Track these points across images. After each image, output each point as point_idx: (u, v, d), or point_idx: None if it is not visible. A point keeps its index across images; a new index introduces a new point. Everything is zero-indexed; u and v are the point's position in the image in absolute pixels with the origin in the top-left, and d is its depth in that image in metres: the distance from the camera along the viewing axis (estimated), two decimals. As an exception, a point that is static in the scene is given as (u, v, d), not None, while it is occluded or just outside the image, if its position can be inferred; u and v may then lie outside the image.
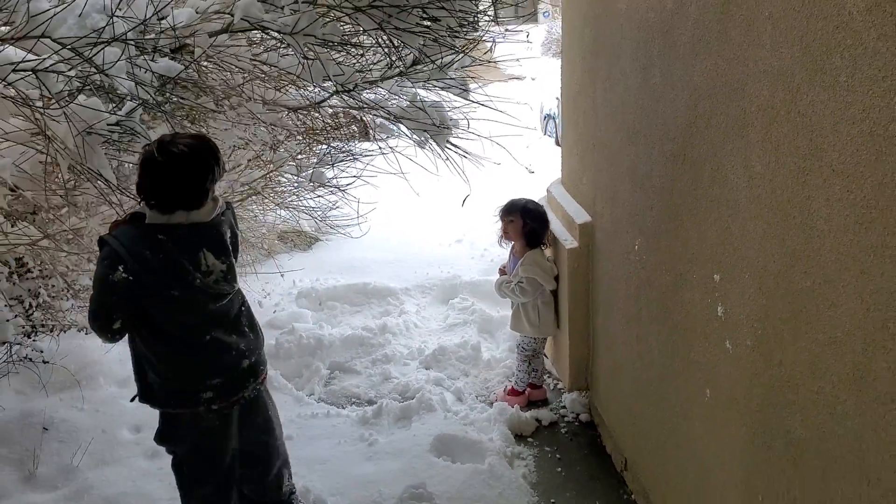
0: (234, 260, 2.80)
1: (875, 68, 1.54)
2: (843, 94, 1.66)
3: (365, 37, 3.14)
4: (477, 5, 3.19)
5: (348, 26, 3.07)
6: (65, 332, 4.23)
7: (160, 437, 2.93)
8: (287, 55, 3.12)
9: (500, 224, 4.36)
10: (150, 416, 4.00)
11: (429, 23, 2.82)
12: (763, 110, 2.02)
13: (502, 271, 4.53)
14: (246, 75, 3.27)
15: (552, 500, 3.50)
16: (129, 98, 2.46)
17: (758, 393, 2.19)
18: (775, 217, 2.00)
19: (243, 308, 2.90)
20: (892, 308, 1.55)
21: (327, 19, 2.87)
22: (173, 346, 2.71)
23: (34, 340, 4.15)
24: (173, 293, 2.61)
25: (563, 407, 4.30)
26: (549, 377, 4.66)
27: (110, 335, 2.62)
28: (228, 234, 2.76)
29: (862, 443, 1.69)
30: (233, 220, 2.86)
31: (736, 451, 2.36)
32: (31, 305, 3.93)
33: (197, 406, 2.76)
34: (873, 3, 1.54)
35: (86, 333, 4.30)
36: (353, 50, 3.30)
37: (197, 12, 2.58)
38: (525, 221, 4.23)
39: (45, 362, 4.10)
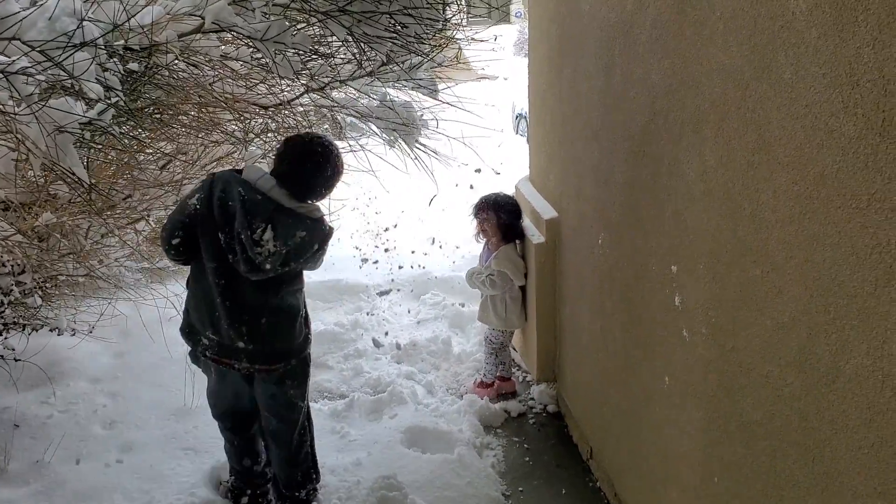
0: (292, 259, 2.87)
1: (817, 65, 1.63)
2: (788, 91, 1.75)
3: (334, 39, 3.20)
4: (443, 11, 3.26)
5: (317, 27, 3.12)
6: (36, 330, 4.23)
7: (190, 357, 3.27)
8: (257, 58, 3.17)
9: (475, 222, 4.42)
10: (123, 412, 4.06)
11: (397, 29, 2.88)
12: (716, 107, 2.11)
13: None
14: (216, 74, 3.31)
15: (520, 489, 3.58)
16: (99, 100, 2.49)
17: (713, 379, 2.28)
18: (727, 209, 2.09)
19: (274, 302, 2.99)
20: (833, 294, 1.64)
21: (298, 27, 2.93)
22: (202, 287, 2.98)
23: (5, 338, 4.15)
24: (219, 235, 2.82)
25: (532, 398, 4.38)
26: (518, 370, 4.74)
27: (169, 248, 2.96)
28: (303, 237, 2.85)
29: (807, 422, 1.79)
30: (321, 241, 2.97)
31: (694, 435, 2.45)
32: (1, 303, 3.93)
33: (196, 347, 3.09)
34: (814, 4, 1.62)
35: (58, 334, 4.31)
36: (321, 50, 3.35)
37: (168, 14, 2.61)
38: (499, 216, 4.31)
39: (16, 360, 4.11)
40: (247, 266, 2.82)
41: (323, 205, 3.13)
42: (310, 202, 2.96)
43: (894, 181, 1.41)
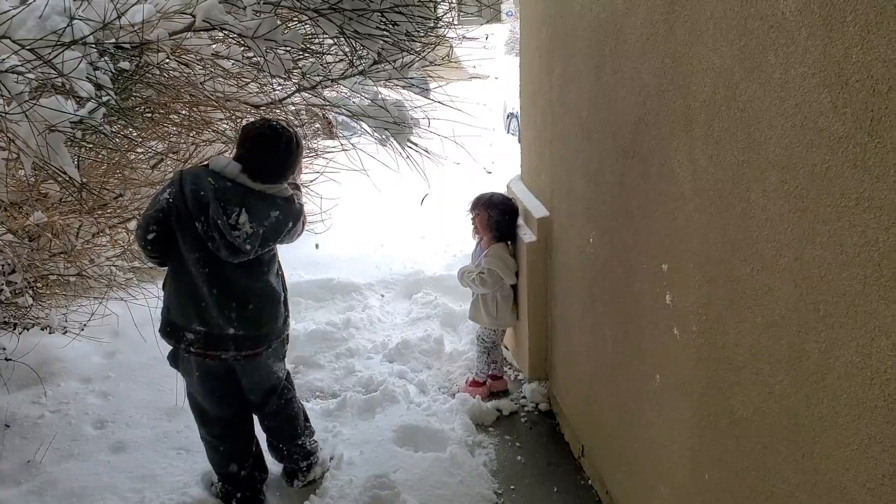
0: (270, 238, 3.01)
1: (805, 65, 1.64)
2: (778, 91, 1.76)
3: (325, 37, 3.21)
4: (435, 10, 3.27)
5: (308, 26, 3.12)
6: (27, 330, 4.23)
7: (169, 360, 3.34)
8: (248, 56, 3.17)
9: (470, 219, 4.45)
10: (114, 411, 4.06)
11: (388, 27, 2.89)
12: (706, 106, 2.12)
13: None
14: (207, 72, 3.31)
15: (512, 487, 3.59)
16: (90, 99, 2.49)
17: (703, 376, 2.29)
18: (717, 208, 2.10)
19: (258, 287, 3.12)
20: (823, 291, 1.65)
21: (289, 24, 2.93)
22: (184, 281, 3.05)
23: (-5, 338, 4.15)
24: (195, 226, 2.90)
25: (524, 397, 4.40)
26: (509, 368, 4.75)
27: (145, 244, 3.01)
28: (276, 216, 3.00)
29: (797, 419, 1.80)
30: (294, 218, 3.10)
31: (684, 433, 2.47)
32: (-8, 302, 3.93)
33: (179, 344, 3.12)
34: (803, 4, 1.64)
35: (49, 333, 4.30)
36: (312, 49, 3.36)
37: (158, 12, 2.61)
38: (489, 214, 4.32)
39: (7, 359, 4.10)
40: (227, 251, 2.93)
41: (304, 192, 3.19)
42: (276, 183, 3.05)
43: (882, 180, 1.43)
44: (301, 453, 3.54)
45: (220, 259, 2.98)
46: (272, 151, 3.00)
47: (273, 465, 3.63)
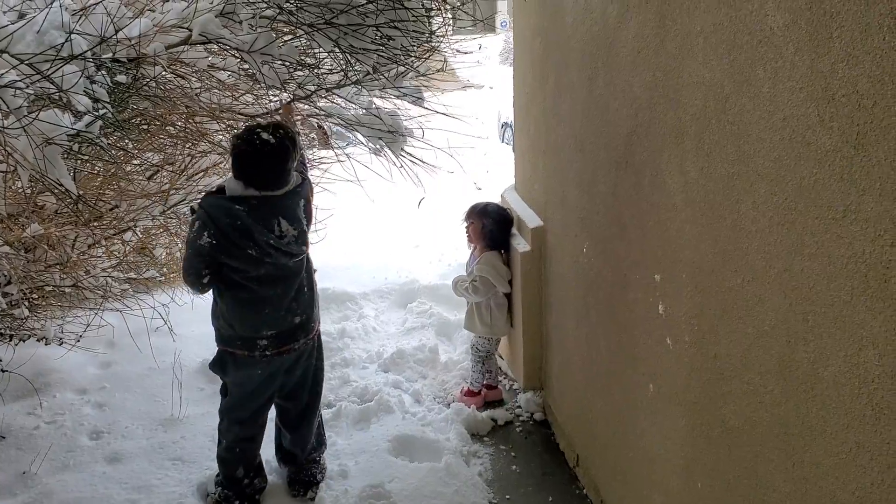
0: (305, 227, 3.25)
1: (793, 80, 1.67)
2: (767, 104, 1.79)
3: (320, 49, 3.23)
4: (430, 24, 3.30)
5: (303, 39, 3.15)
6: (23, 341, 4.23)
7: (212, 366, 3.40)
8: (244, 68, 3.20)
9: (465, 227, 4.48)
10: (110, 422, 4.06)
11: (383, 41, 2.92)
12: (696, 119, 2.15)
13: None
14: (203, 84, 3.33)
15: (507, 497, 3.61)
16: (87, 112, 2.51)
17: (696, 386, 2.32)
18: (708, 219, 2.13)
19: (306, 271, 3.34)
20: (812, 302, 1.68)
21: (285, 39, 2.96)
22: (242, 298, 3.17)
23: (-9, 349, 4.15)
24: (249, 252, 3.04)
25: (519, 406, 4.41)
26: (504, 378, 4.77)
27: (200, 287, 3.15)
28: (302, 203, 3.22)
29: (787, 428, 1.82)
30: (308, 191, 3.33)
31: (677, 442, 2.49)
32: (-12, 314, 3.93)
33: (254, 351, 3.23)
34: (791, 20, 1.67)
35: (45, 344, 4.31)
36: (307, 61, 3.38)
37: (155, 26, 2.63)
38: (483, 223, 4.35)
39: (2, 371, 4.10)
40: (287, 258, 3.15)
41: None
42: (286, 184, 3.14)
43: (868, 193, 1.46)
44: (317, 466, 3.63)
45: (270, 268, 3.13)
46: (263, 162, 3.04)
47: (272, 476, 3.64)
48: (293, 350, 3.32)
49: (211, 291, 3.24)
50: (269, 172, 3.06)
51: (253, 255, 3.05)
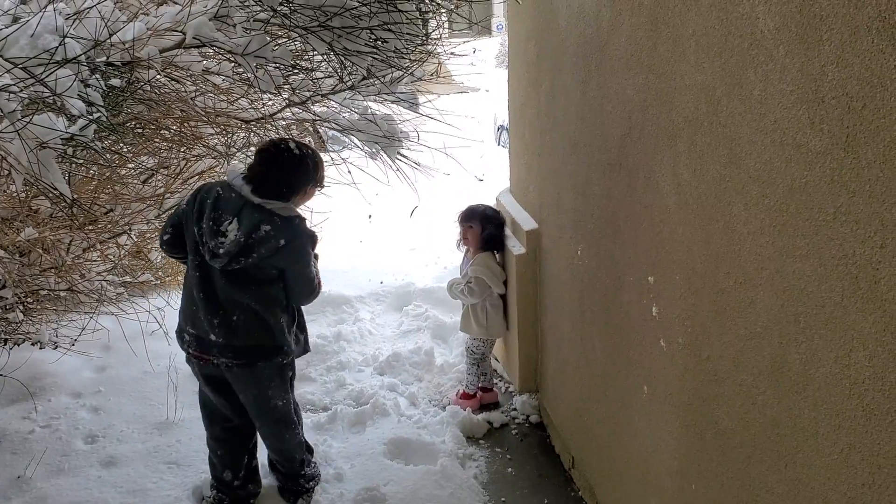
0: (253, 250, 2.98)
1: (784, 82, 1.68)
2: (757, 107, 1.80)
3: (315, 53, 3.24)
4: (425, 26, 3.31)
5: (297, 42, 3.15)
6: (18, 345, 4.23)
7: (186, 360, 3.37)
8: (239, 72, 3.21)
9: (458, 229, 4.46)
10: (105, 426, 4.06)
11: (377, 44, 2.92)
12: (689, 122, 2.16)
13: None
14: (197, 88, 3.34)
15: (503, 499, 3.61)
16: (81, 116, 2.51)
17: (689, 388, 2.32)
18: (701, 221, 2.14)
19: (244, 301, 3.08)
20: (803, 303, 1.69)
21: (279, 42, 2.96)
22: (187, 285, 3.19)
23: (-14, 353, 4.14)
24: (194, 228, 3.05)
25: (514, 409, 4.41)
26: (500, 380, 4.77)
27: (161, 244, 3.26)
28: (267, 231, 2.98)
29: (779, 429, 1.83)
30: (290, 238, 3.03)
31: (671, 443, 2.50)
32: (-18, 318, 3.93)
33: (182, 343, 3.23)
34: (781, 23, 1.68)
35: (40, 348, 4.30)
36: (302, 65, 3.39)
37: (149, 29, 2.64)
38: (484, 227, 4.36)
39: (-3, 375, 4.10)
40: (209, 254, 3.01)
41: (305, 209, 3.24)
42: (276, 199, 3.05)
43: (858, 195, 1.46)
44: (303, 479, 3.56)
45: (211, 270, 3.06)
46: (270, 165, 3.05)
47: (267, 480, 3.63)
48: (212, 363, 3.15)
49: None
50: (267, 173, 3.04)
51: (194, 239, 3.06)
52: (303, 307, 3.38)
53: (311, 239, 3.16)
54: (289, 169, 3.08)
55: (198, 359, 3.19)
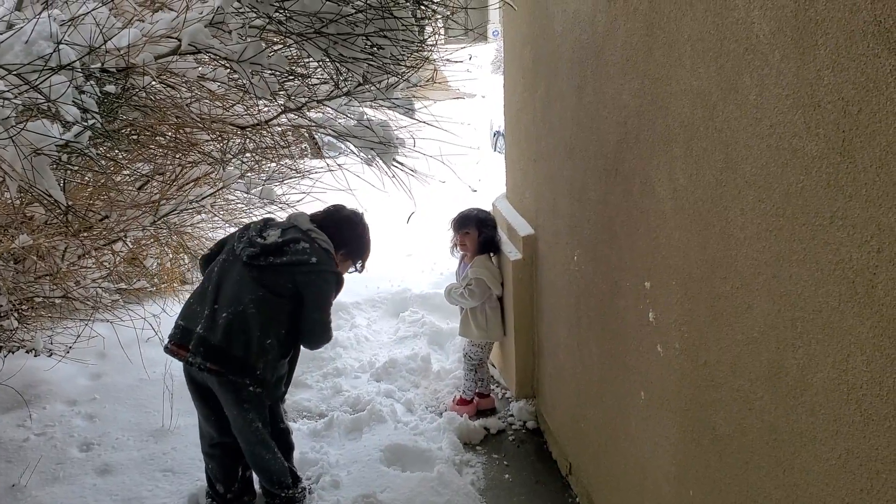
0: (285, 254, 3.16)
1: (780, 87, 1.68)
2: (753, 111, 1.80)
3: (311, 59, 3.24)
4: (421, 33, 3.31)
5: (293, 48, 3.15)
6: (12, 352, 4.21)
7: None
8: (234, 78, 3.20)
9: (453, 236, 4.45)
10: (100, 434, 4.04)
11: (373, 50, 2.92)
12: (685, 127, 2.16)
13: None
14: (193, 94, 3.33)
15: (499, 506, 3.60)
16: (75, 122, 2.50)
17: (686, 393, 2.32)
18: (697, 226, 2.13)
19: (241, 308, 3.10)
20: (800, 308, 1.68)
21: (274, 48, 2.95)
22: (201, 284, 3.30)
23: (-20, 361, 4.13)
24: (237, 235, 3.31)
25: (511, 415, 4.41)
26: (497, 386, 4.76)
27: (203, 256, 3.47)
28: (305, 248, 3.19)
29: (777, 434, 1.82)
30: (321, 269, 3.22)
31: (669, 449, 2.49)
32: (-24, 326, 3.91)
33: (168, 338, 3.24)
34: (777, 28, 1.68)
35: (35, 356, 4.29)
36: (298, 71, 3.39)
37: (144, 36, 2.63)
38: (480, 231, 4.35)
39: (-9, 382, 4.08)
40: (244, 244, 3.19)
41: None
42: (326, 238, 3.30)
43: (855, 199, 1.46)
44: (282, 500, 3.47)
45: (232, 267, 3.17)
46: (334, 216, 3.45)
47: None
48: (185, 359, 3.11)
49: None
50: (327, 219, 3.39)
51: (232, 243, 3.28)
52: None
53: (338, 279, 3.31)
54: (347, 228, 3.41)
55: (174, 354, 3.18)
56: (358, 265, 3.55)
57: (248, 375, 3.10)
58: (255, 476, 3.55)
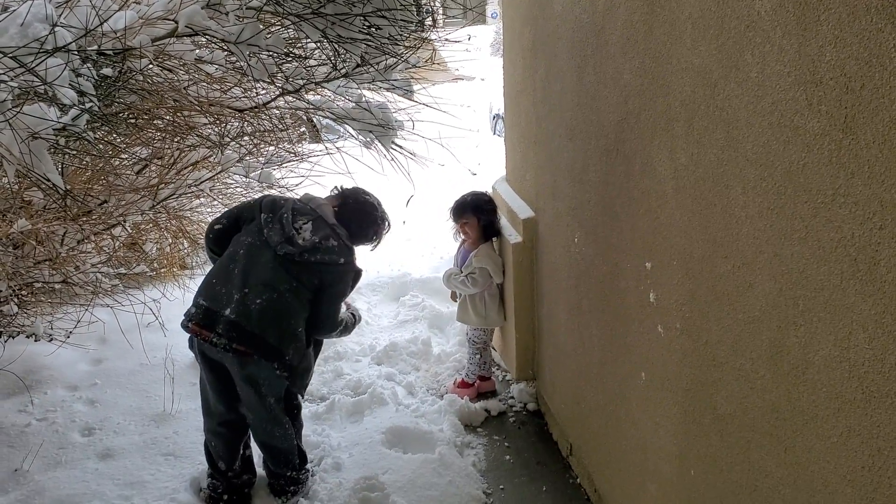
0: (319, 252, 3.24)
1: (781, 64, 1.67)
2: (755, 89, 1.78)
3: (308, 41, 3.22)
4: (420, 13, 3.29)
5: (291, 30, 3.13)
6: (13, 338, 4.21)
7: (189, 343, 3.40)
8: (232, 61, 3.18)
9: (452, 224, 4.42)
10: (101, 419, 4.05)
11: (370, 31, 2.90)
12: (685, 105, 2.14)
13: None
14: (190, 77, 3.31)
15: (501, 487, 3.61)
16: (72, 106, 2.49)
17: (687, 373, 2.31)
18: (699, 206, 2.12)
19: (274, 296, 3.17)
20: (802, 287, 1.67)
21: (271, 29, 2.93)
22: (221, 264, 3.29)
23: (-19, 347, 4.13)
24: (261, 216, 3.28)
25: (512, 397, 4.41)
26: (497, 369, 4.77)
27: (210, 230, 3.44)
28: (334, 246, 3.29)
29: (778, 413, 1.82)
30: (346, 264, 3.36)
31: (670, 430, 2.49)
32: (-24, 311, 3.91)
33: (184, 320, 3.25)
34: (778, 4, 1.66)
35: (35, 341, 4.29)
36: (296, 52, 3.37)
37: (140, 18, 2.61)
38: (479, 217, 4.33)
39: (-8, 368, 4.09)
40: (279, 237, 3.20)
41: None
42: (351, 236, 3.41)
43: (857, 176, 1.45)
44: (286, 480, 3.51)
45: (262, 253, 3.20)
46: (358, 208, 3.49)
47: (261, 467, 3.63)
48: (211, 341, 3.11)
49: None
50: (348, 209, 3.44)
51: (259, 226, 3.25)
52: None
53: (356, 274, 3.43)
54: (366, 224, 3.51)
55: (196, 334, 3.17)
56: (370, 246, 3.66)
57: (277, 359, 3.17)
58: (254, 456, 3.56)
